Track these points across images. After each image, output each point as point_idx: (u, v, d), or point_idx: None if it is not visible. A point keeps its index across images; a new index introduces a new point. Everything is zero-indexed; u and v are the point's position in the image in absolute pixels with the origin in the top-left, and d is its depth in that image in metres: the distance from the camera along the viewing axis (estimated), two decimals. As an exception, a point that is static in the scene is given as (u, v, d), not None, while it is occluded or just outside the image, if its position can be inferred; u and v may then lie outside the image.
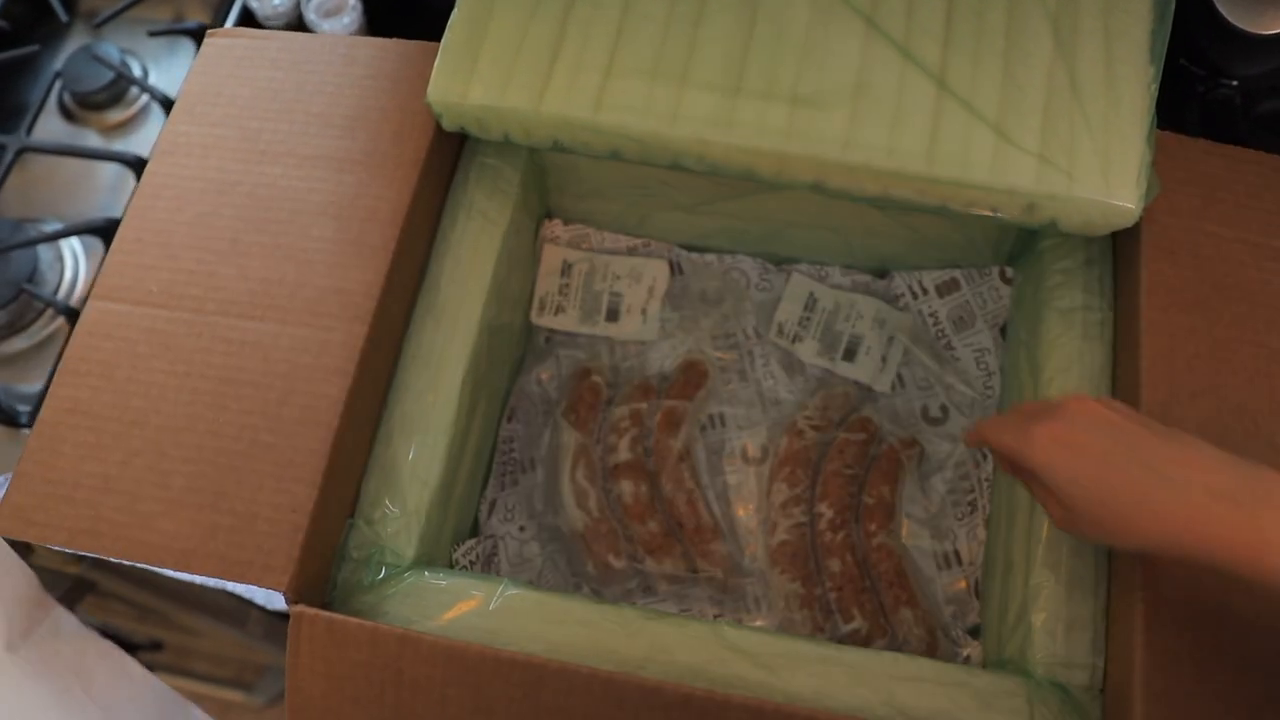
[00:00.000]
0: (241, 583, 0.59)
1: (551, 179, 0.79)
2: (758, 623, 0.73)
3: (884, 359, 0.78)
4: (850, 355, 0.78)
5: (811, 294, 0.80)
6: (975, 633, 0.72)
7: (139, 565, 0.61)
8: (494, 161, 0.73)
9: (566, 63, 0.66)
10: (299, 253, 0.67)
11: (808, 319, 0.79)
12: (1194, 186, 0.66)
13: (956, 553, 0.73)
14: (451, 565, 0.70)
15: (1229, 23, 0.75)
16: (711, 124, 0.64)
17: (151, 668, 1.12)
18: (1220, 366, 0.61)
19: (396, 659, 0.56)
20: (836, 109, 0.64)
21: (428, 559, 0.64)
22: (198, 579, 0.76)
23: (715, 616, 0.73)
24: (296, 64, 0.74)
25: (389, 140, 0.70)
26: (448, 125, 0.68)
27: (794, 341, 0.79)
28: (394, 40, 0.74)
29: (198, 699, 1.47)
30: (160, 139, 0.72)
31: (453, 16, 0.68)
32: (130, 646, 1.04)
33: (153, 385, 0.64)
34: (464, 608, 0.60)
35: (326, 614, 0.57)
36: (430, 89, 0.67)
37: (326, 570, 0.62)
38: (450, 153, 0.73)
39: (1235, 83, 0.79)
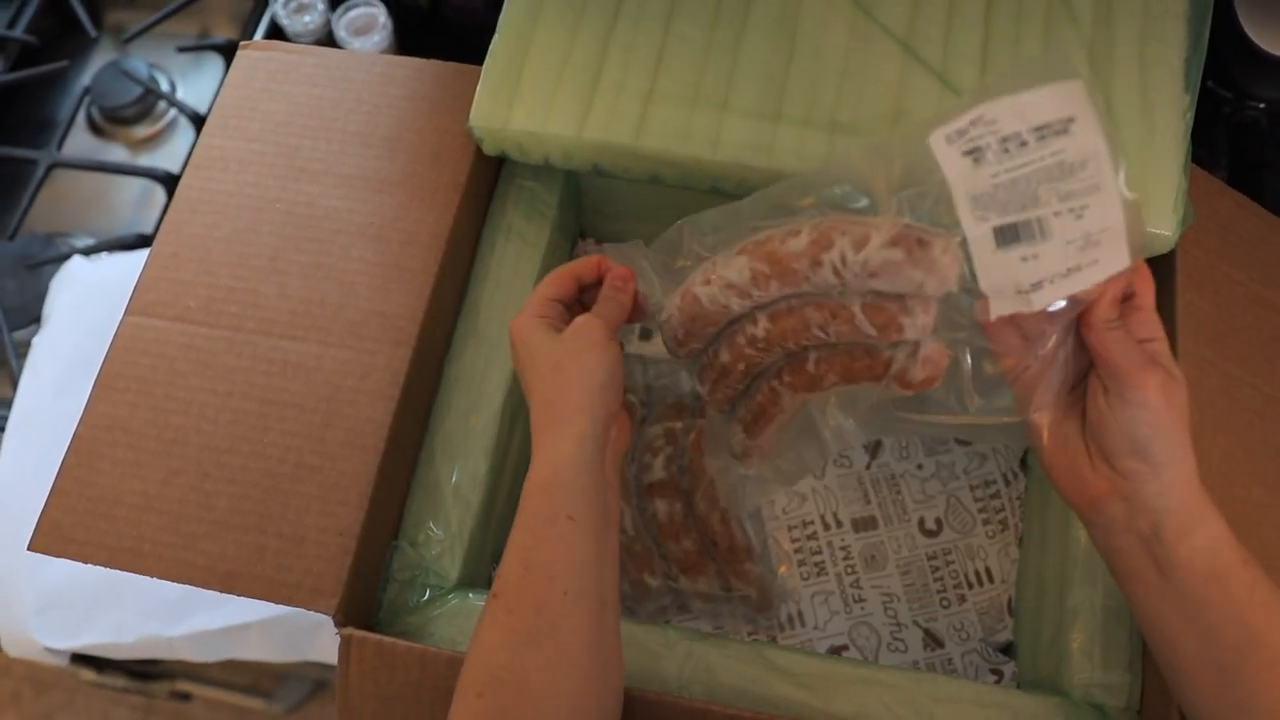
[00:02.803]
0: (289, 605, 0.59)
1: (587, 200, 0.80)
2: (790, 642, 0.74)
3: None
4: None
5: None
6: (1007, 650, 0.73)
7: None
8: (532, 184, 0.73)
9: (608, 88, 0.66)
10: (340, 274, 0.67)
11: None
12: (1213, 224, 0.67)
13: (988, 570, 0.74)
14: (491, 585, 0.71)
15: (1257, 46, 0.76)
16: (752, 149, 0.64)
17: (170, 675, 1.13)
18: (1231, 404, 0.62)
19: (446, 680, 0.56)
20: (876, 135, 0.64)
21: (471, 581, 0.65)
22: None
23: (749, 634, 0.74)
24: (333, 81, 0.74)
25: (427, 162, 0.70)
26: (489, 149, 0.69)
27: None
28: (431, 61, 0.74)
29: (216, 706, 1.49)
30: (194, 152, 0.72)
31: (494, 42, 0.69)
32: (155, 659, 1.05)
33: (193, 403, 0.64)
34: (509, 629, 0.61)
35: (376, 636, 0.57)
36: (473, 114, 0.67)
37: (372, 592, 0.63)
38: (489, 176, 0.73)
39: (1262, 105, 0.80)
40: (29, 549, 0.61)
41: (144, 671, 1.10)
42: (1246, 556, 0.48)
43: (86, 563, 0.61)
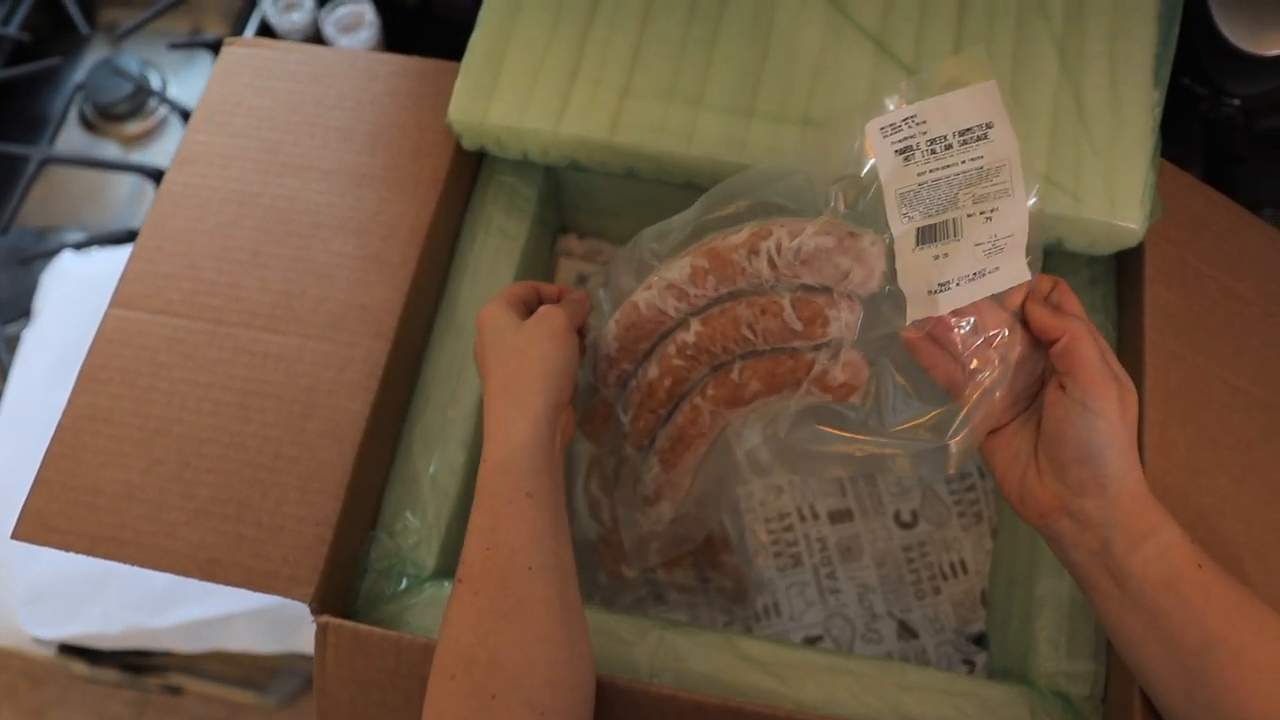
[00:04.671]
0: (267, 593, 0.60)
1: (567, 195, 0.80)
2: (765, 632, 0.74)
3: None
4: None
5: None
6: (980, 640, 0.73)
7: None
8: (511, 180, 0.74)
9: (585, 84, 0.67)
10: (320, 267, 0.68)
11: None
12: (1183, 217, 0.68)
13: (963, 562, 0.75)
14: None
15: (1231, 43, 0.77)
16: (726, 144, 0.65)
17: (162, 668, 1.14)
18: (1198, 396, 0.63)
19: (421, 667, 0.57)
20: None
21: (448, 570, 0.65)
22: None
23: (725, 624, 0.74)
24: (316, 77, 0.75)
25: (408, 157, 0.71)
26: (468, 144, 0.70)
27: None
28: (413, 58, 0.75)
29: (209, 700, 1.50)
30: (180, 148, 0.73)
31: (473, 37, 0.70)
32: (144, 651, 1.06)
33: (174, 394, 0.65)
34: (483, 617, 0.62)
35: (351, 624, 0.58)
36: (451, 109, 0.68)
37: (349, 581, 0.64)
38: (469, 170, 0.74)
39: (1237, 101, 0.81)
40: (12, 537, 0.62)
41: (136, 665, 1.11)
42: (1202, 560, 0.49)
43: (68, 551, 0.62)
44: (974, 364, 0.49)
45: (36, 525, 0.62)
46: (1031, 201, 0.47)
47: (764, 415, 0.56)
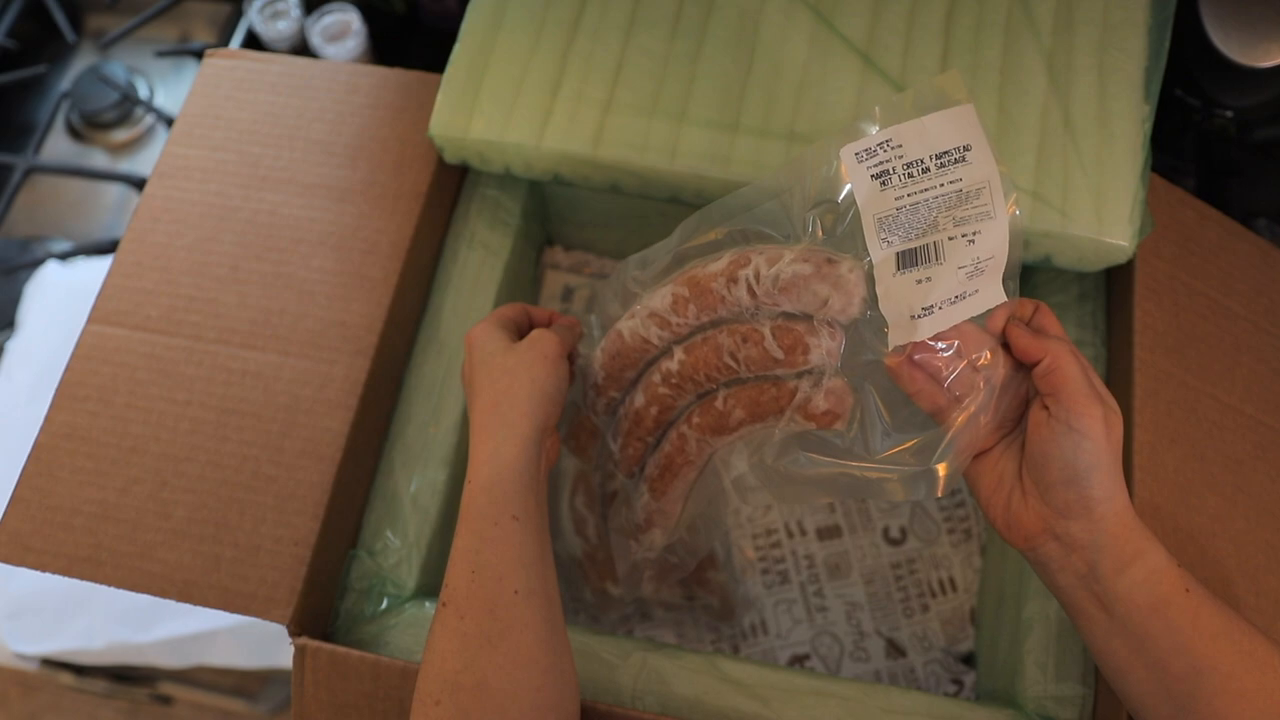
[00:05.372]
0: (244, 614, 0.59)
1: (552, 208, 0.80)
2: (754, 650, 0.74)
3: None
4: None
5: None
6: (969, 659, 0.72)
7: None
8: (495, 193, 0.73)
9: (567, 97, 0.66)
10: (300, 283, 0.67)
11: None
12: (1173, 233, 0.67)
13: (951, 579, 0.74)
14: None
15: (1224, 55, 0.76)
16: (709, 160, 0.64)
17: (150, 678, 1.13)
18: (1188, 414, 0.62)
19: (400, 690, 0.56)
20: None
21: (429, 589, 0.65)
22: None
23: (712, 643, 0.74)
24: (297, 89, 0.74)
25: (390, 171, 0.70)
26: (449, 158, 0.69)
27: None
28: (395, 70, 0.74)
29: (200, 708, 1.49)
30: (159, 161, 0.72)
31: (455, 50, 0.69)
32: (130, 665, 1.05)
33: (152, 412, 0.64)
34: (463, 639, 0.61)
35: (329, 646, 0.57)
36: (433, 123, 0.67)
37: (329, 601, 0.63)
38: (452, 184, 0.73)
39: (1230, 113, 0.80)
40: (-12, 558, 0.62)
41: (124, 674, 1.10)
42: (1190, 584, 0.48)
43: (44, 571, 0.61)
44: (958, 389, 0.48)
45: (12, 545, 0.62)
46: (1011, 216, 0.47)
47: (750, 443, 0.55)
